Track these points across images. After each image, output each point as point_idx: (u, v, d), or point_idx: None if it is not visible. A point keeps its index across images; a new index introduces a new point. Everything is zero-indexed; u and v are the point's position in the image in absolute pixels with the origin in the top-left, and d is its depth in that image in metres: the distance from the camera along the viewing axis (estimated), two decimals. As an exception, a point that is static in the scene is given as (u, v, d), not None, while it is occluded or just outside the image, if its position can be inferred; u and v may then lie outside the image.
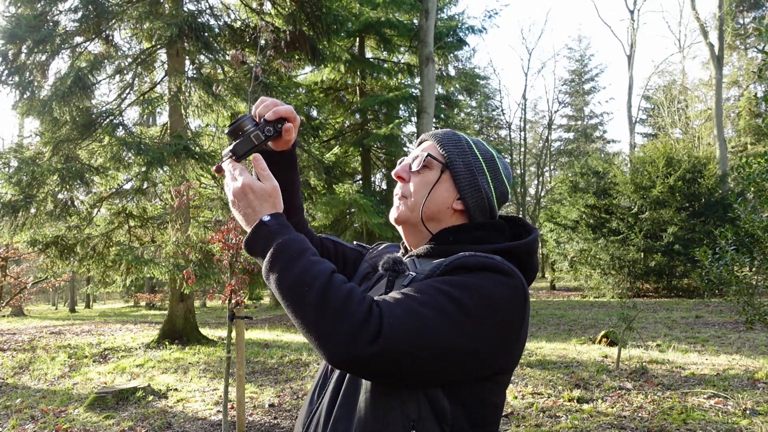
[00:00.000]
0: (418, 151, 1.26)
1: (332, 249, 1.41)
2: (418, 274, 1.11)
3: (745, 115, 26.41)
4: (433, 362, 0.99)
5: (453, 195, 1.21)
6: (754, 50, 26.95)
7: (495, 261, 1.06)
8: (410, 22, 14.09)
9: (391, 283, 1.14)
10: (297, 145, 1.26)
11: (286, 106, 1.18)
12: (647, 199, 17.49)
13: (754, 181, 3.78)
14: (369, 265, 1.37)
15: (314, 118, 12.62)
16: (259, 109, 1.19)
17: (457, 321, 0.98)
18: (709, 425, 4.30)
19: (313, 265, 1.02)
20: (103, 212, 10.83)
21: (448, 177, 1.21)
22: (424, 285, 1.03)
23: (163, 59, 10.50)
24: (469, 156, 1.23)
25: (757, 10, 26.48)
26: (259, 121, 1.18)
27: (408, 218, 1.23)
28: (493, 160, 1.26)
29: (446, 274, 1.06)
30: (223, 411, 4.16)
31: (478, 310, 1.00)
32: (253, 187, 1.10)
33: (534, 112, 39.99)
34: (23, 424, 5.44)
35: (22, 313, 21.01)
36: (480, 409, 1.07)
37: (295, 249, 1.04)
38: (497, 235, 1.21)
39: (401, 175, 1.24)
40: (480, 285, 1.02)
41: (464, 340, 0.99)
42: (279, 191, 1.13)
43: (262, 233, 1.07)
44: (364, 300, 0.98)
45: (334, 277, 1.01)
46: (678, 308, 13.54)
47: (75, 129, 8.91)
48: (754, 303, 4.09)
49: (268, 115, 1.16)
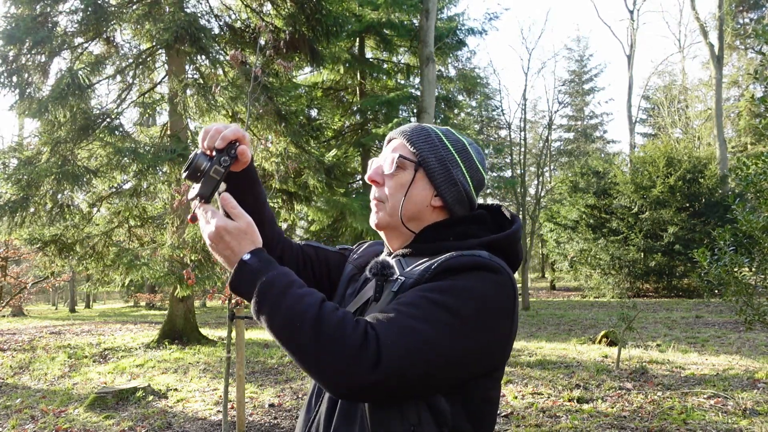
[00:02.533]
0: (388, 152, 1.23)
1: (314, 255, 1.38)
2: (406, 279, 1.10)
3: (745, 115, 26.41)
4: (436, 374, 0.99)
5: (430, 192, 1.20)
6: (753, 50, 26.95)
7: (482, 259, 1.06)
8: (410, 22, 14.09)
9: (380, 287, 1.13)
10: (253, 160, 1.22)
11: (231, 127, 1.13)
12: (647, 199, 17.50)
13: (752, 182, 3.79)
14: (354, 266, 1.35)
15: (314, 118, 12.61)
16: (206, 141, 1.12)
17: (453, 330, 0.99)
18: (709, 425, 4.30)
19: (301, 299, 1.00)
20: (103, 211, 10.83)
21: (422, 175, 1.19)
22: (415, 297, 1.02)
23: (164, 59, 10.50)
24: (441, 150, 1.21)
25: (757, 10, 26.47)
26: (212, 154, 1.12)
27: (388, 223, 1.21)
28: (465, 149, 1.24)
29: (435, 278, 1.05)
30: (223, 411, 4.16)
31: (471, 314, 1.01)
32: (227, 229, 1.07)
33: (534, 112, 39.97)
34: (23, 424, 5.45)
35: (22, 313, 21.01)
36: (478, 405, 1.09)
37: (280, 285, 1.02)
38: (480, 227, 1.20)
39: (375, 179, 1.22)
40: (470, 287, 1.03)
41: (463, 347, 1.00)
42: (254, 226, 1.10)
43: (245, 273, 1.04)
44: (357, 326, 0.97)
45: (324, 307, 0.99)
46: (678, 308, 13.54)
47: (73, 130, 8.91)
48: (753, 303, 4.09)
49: (218, 144, 1.11)
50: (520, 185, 17.81)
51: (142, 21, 9.41)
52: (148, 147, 9.67)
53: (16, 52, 8.79)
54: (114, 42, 9.97)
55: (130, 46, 10.49)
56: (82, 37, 9.58)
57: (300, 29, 9.81)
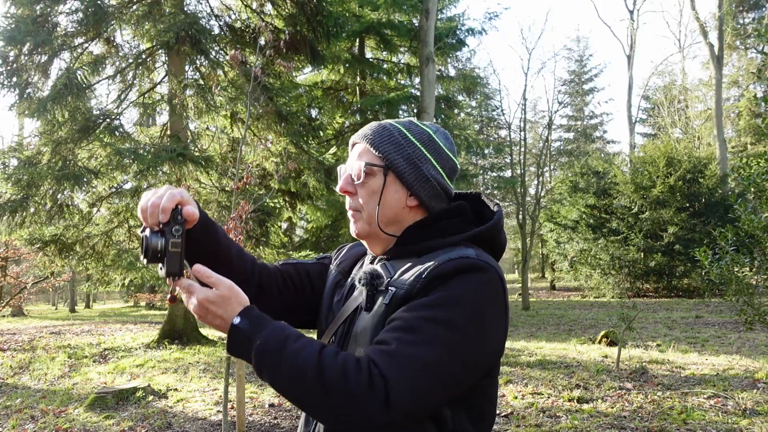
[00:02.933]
0: (354, 159, 1.21)
1: (293, 272, 1.37)
2: (397, 289, 1.09)
3: (745, 115, 26.40)
4: (446, 393, 1.01)
5: (404, 193, 1.18)
6: (754, 50, 26.96)
7: (469, 260, 1.06)
8: (410, 22, 14.08)
9: (371, 297, 1.12)
10: (199, 206, 1.17)
11: (165, 194, 1.07)
12: (647, 199, 17.50)
13: (754, 182, 3.78)
14: (338, 272, 1.34)
15: (314, 118, 12.60)
16: (149, 220, 1.07)
17: (454, 346, 1.00)
18: (709, 425, 4.30)
19: (298, 354, 0.99)
20: (102, 211, 10.82)
21: (393, 178, 1.17)
22: (411, 319, 1.01)
23: (164, 59, 10.50)
24: (407, 147, 1.18)
25: (757, 11, 26.46)
26: (160, 228, 1.07)
27: (368, 232, 1.20)
28: (431, 140, 1.21)
29: (426, 287, 1.05)
30: (223, 411, 4.16)
31: (468, 323, 1.01)
32: (210, 300, 1.04)
33: (534, 112, 39.94)
34: (23, 424, 5.45)
35: (22, 313, 21.01)
36: (478, 405, 1.10)
37: (276, 343, 1.00)
38: (461, 220, 1.20)
39: (347, 189, 1.21)
40: (463, 294, 1.03)
41: (466, 360, 1.01)
42: (234, 287, 1.07)
43: (238, 338, 1.03)
44: (360, 368, 0.96)
45: (323, 356, 0.98)
46: (678, 308, 13.54)
47: (73, 130, 8.91)
48: (753, 303, 4.09)
49: (162, 218, 1.06)
50: (520, 185, 17.81)
51: (142, 21, 9.41)
52: (148, 147, 9.67)
53: (16, 53, 8.79)
54: (114, 42, 9.97)
55: (130, 46, 10.49)
56: (82, 37, 9.58)
57: (300, 30, 9.81)
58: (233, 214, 4.16)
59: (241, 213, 4.12)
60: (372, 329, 1.09)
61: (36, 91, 9.16)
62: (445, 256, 1.09)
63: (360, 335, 1.12)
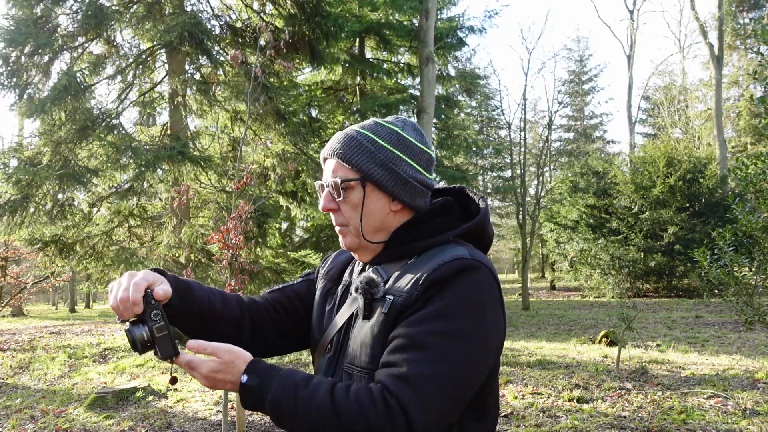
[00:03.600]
0: (329, 176, 1.19)
1: (283, 298, 1.36)
2: (395, 297, 1.08)
3: (745, 115, 26.39)
4: (462, 402, 1.03)
5: (386, 200, 1.17)
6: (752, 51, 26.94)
7: (463, 261, 1.07)
8: (410, 22, 14.08)
9: (369, 306, 1.11)
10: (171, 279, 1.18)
11: (130, 286, 1.07)
12: (647, 199, 17.49)
13: (752, 182, 3.79)
14: (327, 280, 1.34)
15: (314, 118, 12.60)
16: (125, 314, 1.08)
17: (464, 354, 1.01)
18: (709, 425, 4.30)
19: (310, 400, 0.99)
20: (103, 211, 10.83)
21: (372, 188, 1.16)
22: (417, 336, 1.01)
23: (164, 59, 10.51)
24: (378, 153, 1.16)
25: (757, 10, 26.46)
26: (139, 317, 1.08)
27: (358, 244, 1.20)
28: (400, 139, 1.19)
29: (425, 293, 1.05)
30: (223, 411, 4.16)
31: (473, 329, 1.03)
32: (214, 369, 1.06)
33: (534, 112, 39.95)
34: (23, 424, 5.45)
35: (22, 313, 21.00)
36: (483, 401, 1.12)
37: (287, 395, 1.01)
38: (447, 218, 1.19)
39: (329, 207, 1.20)
40: (462, 300, 1.04)
41: (475, 364, 1.03)
42: (234, 349, 1.07)
43: (250, 396, 1.04)
44: (373, 398, 0.97)
45: (336, 397, 0.99)
46: (678, 308, 13.54)
47: (73, 130, 8.91)
48: (753, 303, 4.09)
49: (137, 310, 1.07)
50: (520, 185, 17.80)
51: (142, 21, 9.41)
52: (147, 146, 9.67)
53: (17, 54, 8.80)
54: (114, 42, 9.98)
55: (130, 45, 10.49)
56: (82, 37, 9.59)
57: (300, 30, 9.82)
58: (233, 214, 4.16)
59: (240, 213, 4.12)
60: (372, 338, 1.09)
61: (36, 92, 9.17)
62: (438, 258, 1.09)
63: (358, 343, 1.12)
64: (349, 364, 1.13)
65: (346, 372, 1.13)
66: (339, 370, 1.17)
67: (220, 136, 10.70)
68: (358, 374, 1.10)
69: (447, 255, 1.09)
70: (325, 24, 9.94)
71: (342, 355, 1.17)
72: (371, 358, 1.08)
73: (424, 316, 1.03)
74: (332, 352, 1.20)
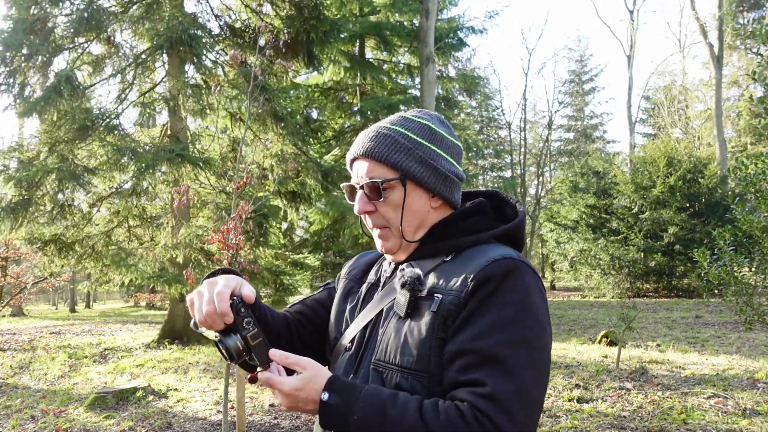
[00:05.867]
0: (363, 177, 1.15)
1: (307, 310, 1.35)
2: (444, 296, 1.05)
3: (745, 115, 26.40)
4: (541, 404, 1.03)
5: (426, 196, 1.15)
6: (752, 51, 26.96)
7: (513, 262, 1.06)
8: (410, 23, 14.09)
9: (413, 303, 1.07)
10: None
11: (214, 296, 1.04)
12: (647, 199, 17.49)
13: (752, 182, 3.79)
14: (349, 280, 1.33)
15: (314, 119, 12.60)
16: (214, 327, 1.05)
17: (536, 362, 1.01)
18: (709, 425, 4.30)
19: (401, 420, 0.96)
20: (102, 211, 10.84)
21: (412, 186, 1.13)
22: (491, 349, 0.99)
23: (164, 59, 10.51)
24: (416, 149, 1.13)
25: (757, 10, 26.47)
26: (230, 325, 1.04)
27: (399, 246, 1.17)
28: (432, 132, 1.17)
29: (475, 291, 1.03)
30: (223, 411, 4.16)
31: (537, 334, 1.03)
32: (296, 387, 1.01)
33: (534, 112, 39.99)
34: (23, 424, 5.45)
35: (22, 313, 21.00)
36: None
37: (375, 414, 0.97)
38: (485, 218, 1.18)
39: (367, 210, 1.16)
40: (522, 307, 1.02)
41: (545, 368, 1.03)
42: (314, 364, 1.04)
43: (331, 415, 1.00)
44: (466, 419, 0.95)
45: (425, 416, 0.96)
46: (678, 308, 13.54)
47: (72, 130, 8.92)
48: (753, 303, 4.09)
49: (227, 320, 1.04)
50: (520, 185, 17.81)
51: (141, 21, 9.42)
52: (147, 147, 9.68)
53: (11, 55, 8.79)
54: (114, 42, 9.98)
55: (129, 46, 10.49)
56: (81, 38, 9.59)
57: (298, 31, 9.82)
58: (233, 214, 4.16)
59: (241, 213, 4.12)
60: (418, 337, 1.05)
61: (33, 92, 9.17)
62: (484, 256, 1.07)
63: (392, 341, 1.09)
64: (379, 361, 1.10)
65: (375, 370, 1.10)
66: (362, 368, 1.13)
67: (219, 137, 10.70)
68: (391, 372, 1.07)
69: (494, 253, 1.07)
70: (320, 28, 9.94)
71: (366, 352, 1.14)
72: (417, 357, 1.04)
73: (489, 326, 1.01)
74: (353, 350, 1.17)
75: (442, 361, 1.03)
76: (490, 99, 31.18)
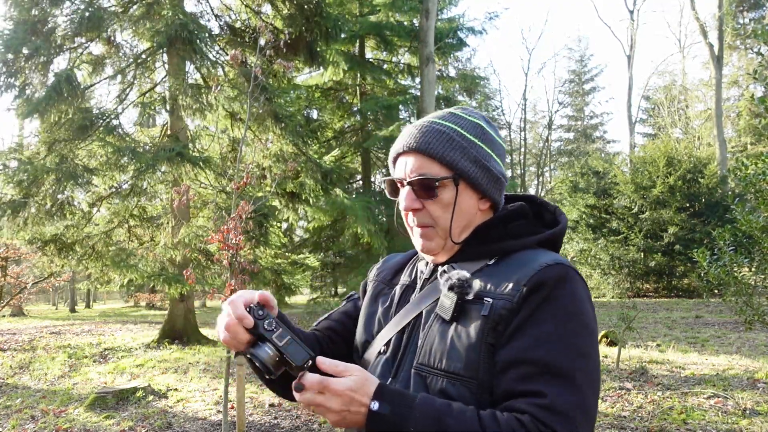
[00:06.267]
0: (411, 172, 1.10)
1: (334, 325, 1.31)
2: (495, 300, 1.02)
3: (745, 115, 26.40)
4: (596, 413, 1.01)
5: (476, 197, 1.12)
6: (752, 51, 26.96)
7: (564, 267, 1.04)
8: (410, 23, 14.09)
9: (460, 306, 1.03)
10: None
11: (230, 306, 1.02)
12: (647, 199, 17.49)
13: (752, 183, 3.79)
14: (379, 282, 1.29)
15: (314, 119, 12.60)
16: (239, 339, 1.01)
17: (592, 372, 0.99)
18: (709, 425, 4.30)
19: (459, 430, 0.92)
20: (102, 211, 10.84)
21: (465, 186, 1.10)
22: (549, 359, 0.96)
23: (164, 59, 10.52)
24: (470, 149, 1.10)
25: (757, 10, 26.47)
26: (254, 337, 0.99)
27: (443, 246, 1.13)
28: (484, 132, 1.14)
29: (529, 297, 1.00)
30: (223, 411, 4.16)
31: (591, 344, 1.01)
32: (350, 387, 0.94)
33: (534, 112, 40.02)
34: (23, 424, 5.45)
35: (22, 313, 21.01)
36: None
37: (432, 424, 0.93)
38: (527, 223, 1.15)
39: (415, 207, 1.10)
40: (578, 318, 1.01)
41: (598, 377, 1.02)
42: (363, 369, 0.98)
43: (382, 425, 0.93)
44: (521, 423, 0.93)
45: (484, 424, 0.93)
46: (678, 308, 13.54)
47: (72, 130, 8.92)
48: (753, 303, 4.09)
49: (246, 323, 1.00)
50: (520, 185, 17.81)
51: (141, 21, 9.42)
52: (147, 146, 9.67)
53: (16, 56, 8.80)
54: (114, 42, 9.98)
55: (129, 45, 10.50)
56: (81, 38, 9.59)
57: (299, 30, 9.83)
58: (233, 214, 4.16)
59: (241, 213, 4.12)
60: (467, 342, 1.01)
61: (34, 92, 9.18)
62: (536, 260, 1.05)
63: (436, 345, 1.05)
64: (422, 365, 1.05)
65: (418, 374, 1.06)
66: (402, 372, 1.09)
67: (219, 137, 10.70)
68: (435, 377, 1.03)
69: (544, 258, 1.05)
70: (324, 24, 9.94)
71: (405, 356, 1.10)
72: (465, 363, 1.01)
73: (545, 335, 0.98)
74: (389, 354, 1.12)
75: (491, 367, 1.00)
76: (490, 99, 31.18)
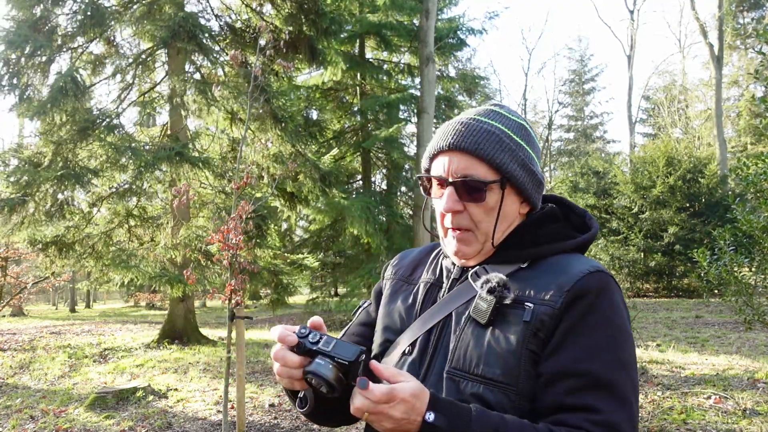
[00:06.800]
0: (455, 172, 1.04)
1: (356, 339, 1.25)
2: (536, 305, 0.98)
3: (745, 115, 26.40)
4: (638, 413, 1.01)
5: (518, 201, 1.08)
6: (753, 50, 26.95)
7: (605, 275, 1.02)
8: (410, 23, 14.08)
9: (496, 310, 0.99)
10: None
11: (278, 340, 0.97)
12: (647, 199, 17.49)
13: (752, 182, 3.79)
14: (398, 280, 1.23)
15: (314, 120, 12.58)
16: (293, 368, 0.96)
17: (634, 383, 0.99)
18: (709, 425, 4.30)
19: None
20: (103, 211, 10.84)
21: (510, 190, 1.06)
22: (599, 373, 0.95)
23: (164, 59, 10.52)
24: (518, 152, 1.05)
25: (757, 10, 26.47)
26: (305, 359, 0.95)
27: (480, 251, 1.08)
28: (528, 133, 1.10)
29: (572, 304, 0.98)
30: (223, 411, 4.16)
31: (632, 354, 1.01)
32: (414, 393, 0.89)
33: (534, 112, 40.01)
34: (23, 424, 5.45)
35: (22, 313, 21.01)
36: None
37: None
38: (560, 226, 1.12)
39: (457, 209, 1.05)
40: (620, 328, 1.00)
41: (638, 386, 1.02)
42: (415, 378, 0.93)
43: None
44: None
45: None
46: (678, 308, 13.54)
47: (72, 130, 8.92)
48: (753, 303, 4.09)
49: (290, 340, 0.96)
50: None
51: (142, 20, 9.42)
52: (147, 146, 9.67)
53: (18, 56, 8.80)
54: (114, 42, 9.98)
55: (130, 45, 10.50)
56: (82, 38, 9.59)
57: (300, 28, 9.82)
58: (233, 214, 4.16)
59: (241, 213, 4.12)
60: (506, 347, 0.98)
61: (36, 93, 9.18)
62: (576, 267, 1.02)
63: (471, 349, 1.01)
64: (454, 370, 1.01)
65: (450, 379, 1.01)
66: (431, 375, 1.04)
67: (219, 137, 10.70)
68: (469, 383, 0.99)
69: (584, 265, 1.02)
70: (322, 21, 9.93)
71: (435, 358, 1.05)
72: (504, 369, 0.97)
73: (594, 347, 0.96)
74: (415, 355, 1.07)
75: (532, 375, 0.97)
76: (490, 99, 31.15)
